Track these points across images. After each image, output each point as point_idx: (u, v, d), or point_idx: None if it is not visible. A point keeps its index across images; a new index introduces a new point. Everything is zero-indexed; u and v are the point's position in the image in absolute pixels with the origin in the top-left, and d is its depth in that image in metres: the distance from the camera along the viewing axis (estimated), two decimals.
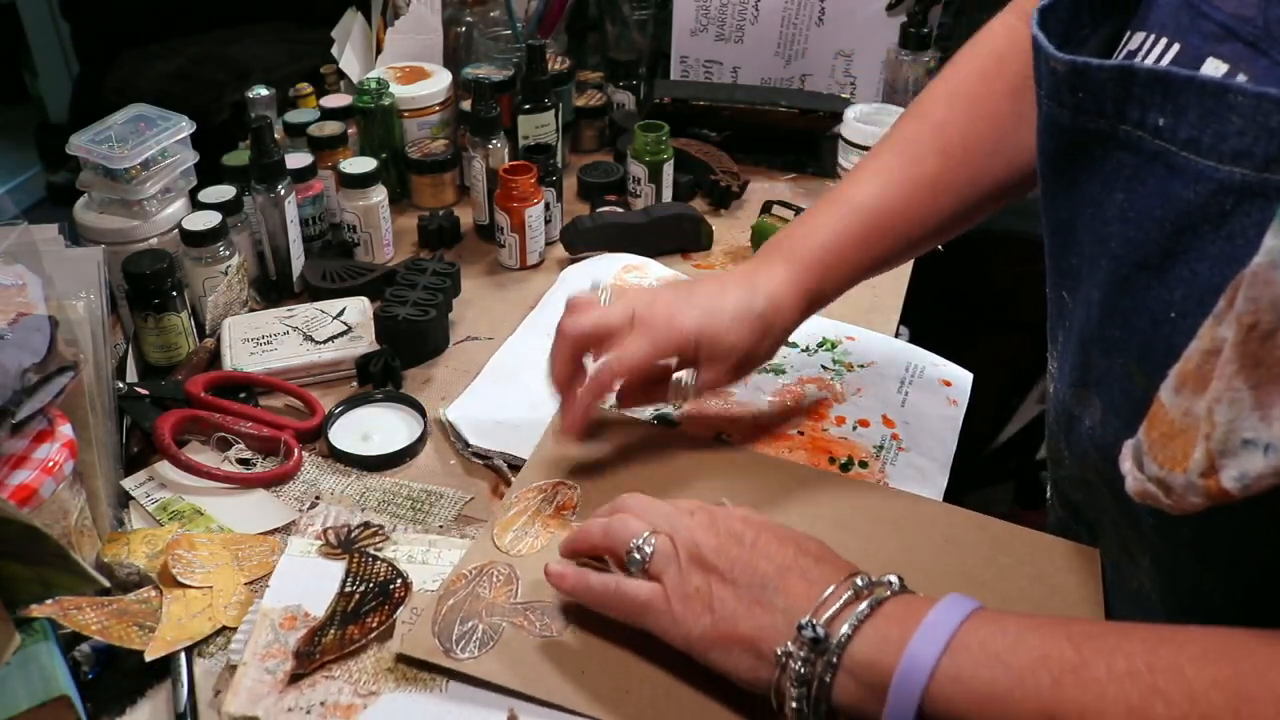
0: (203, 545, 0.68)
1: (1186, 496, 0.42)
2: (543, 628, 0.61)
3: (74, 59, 2.51)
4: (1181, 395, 0.42)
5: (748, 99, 1.21)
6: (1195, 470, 0.41)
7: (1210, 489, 0.41)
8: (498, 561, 0.66)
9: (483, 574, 0.65)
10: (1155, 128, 0.47)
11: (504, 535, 0.68)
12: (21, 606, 0.59)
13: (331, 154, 1.03)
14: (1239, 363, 0.39)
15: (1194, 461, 0.41)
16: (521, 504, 0.71)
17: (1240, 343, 0.39)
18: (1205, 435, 0.40)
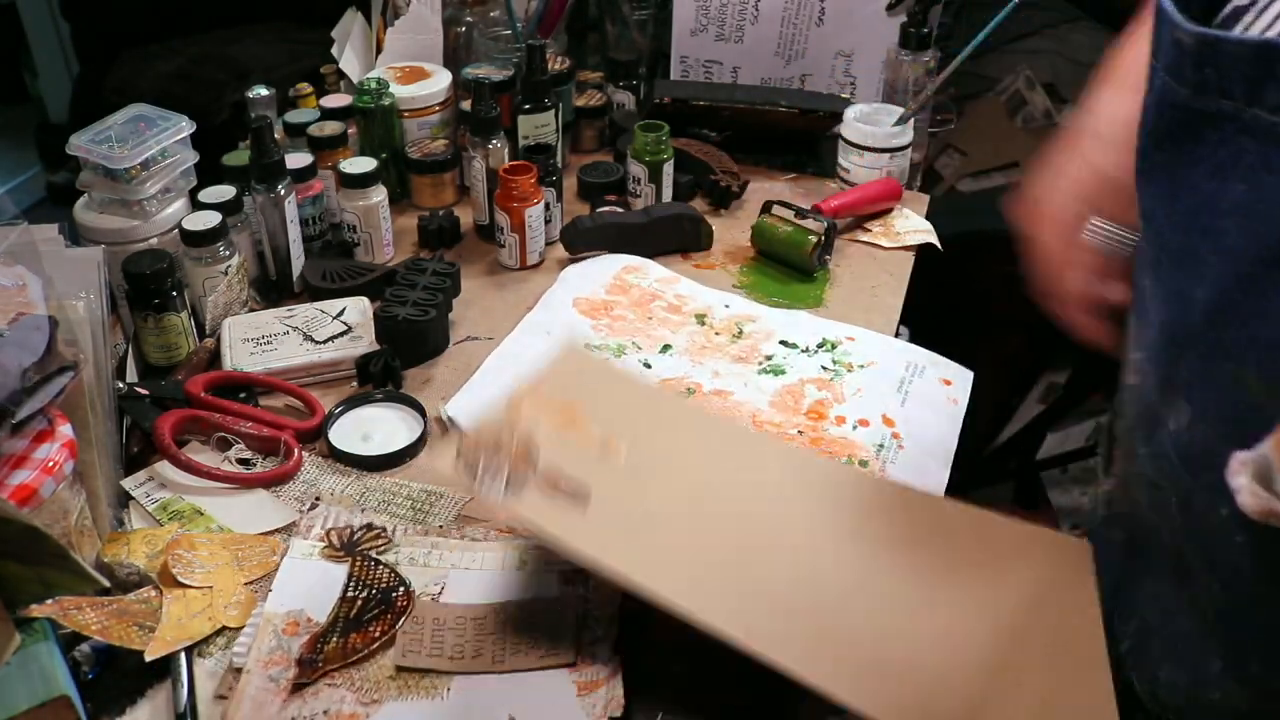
0: (203, 545, 0.68)
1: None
2: (567, 488, 0.60)
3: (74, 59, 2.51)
4: None
5: (748, 99, 1.21)
6: None
7: None
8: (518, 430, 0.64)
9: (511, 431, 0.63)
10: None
11: (516, 412, 0.66)
12: (21, 606, 0.59)
13: (331, 154, 1.03)
14: None
15: None
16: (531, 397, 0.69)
17: None
18: None
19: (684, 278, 1.00)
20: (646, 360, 0.88)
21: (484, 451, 0.61)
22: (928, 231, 1.09)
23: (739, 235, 1.08)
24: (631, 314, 0.94)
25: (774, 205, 1.05)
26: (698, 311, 0.95)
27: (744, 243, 1.07)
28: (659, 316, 0.94)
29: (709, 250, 1.06)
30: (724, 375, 0.87)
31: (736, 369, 0.88)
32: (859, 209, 1.09)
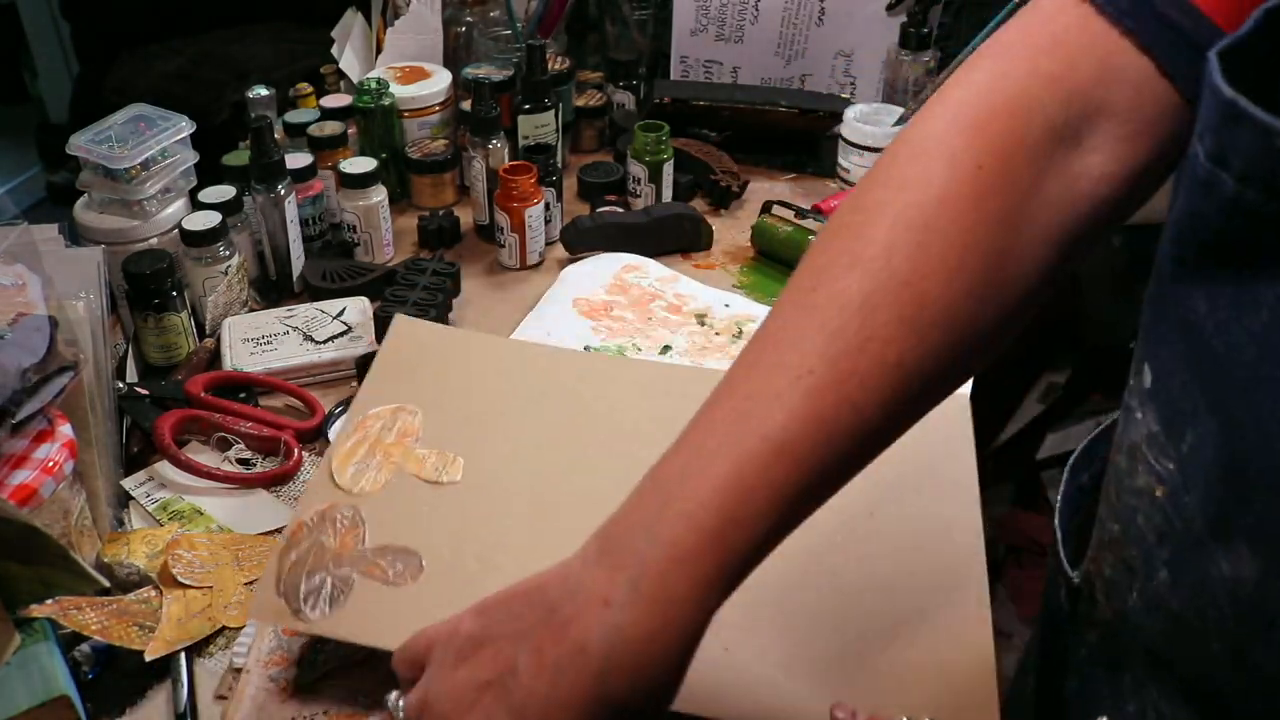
0: (203, 545, 0.68)
1: None
2: (396, 575, 0.57)
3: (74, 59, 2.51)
4: None
5: (748, 99, 1.20)
6: None
7: None
8: (340, 504, 0.61)
9: (325, 520, 0.61)
10: None
11: (343, 470, 0.64)
12: (21, 606, 0.59)
13: (331, 154, 1.03)
14: None
15: None
16: (360, 433, 0.66)
17: None
18: None
19: (684, 276, 1.00)
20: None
21: (302, 568, 0.58)
22: None
23: (739, 235, 1.08)
24: (631, 314, 0.94)
25: (774, 205, 1.05)
26: (698, 311, 0.95)
27: (744, 243, 1.07)
28: (659, 317, 0.94)
29: (709, 250, 1.06)
30: None
31: None
32: None
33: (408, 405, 0.68)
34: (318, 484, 0.63)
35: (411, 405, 0.68)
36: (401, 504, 0.62)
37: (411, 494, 0.62)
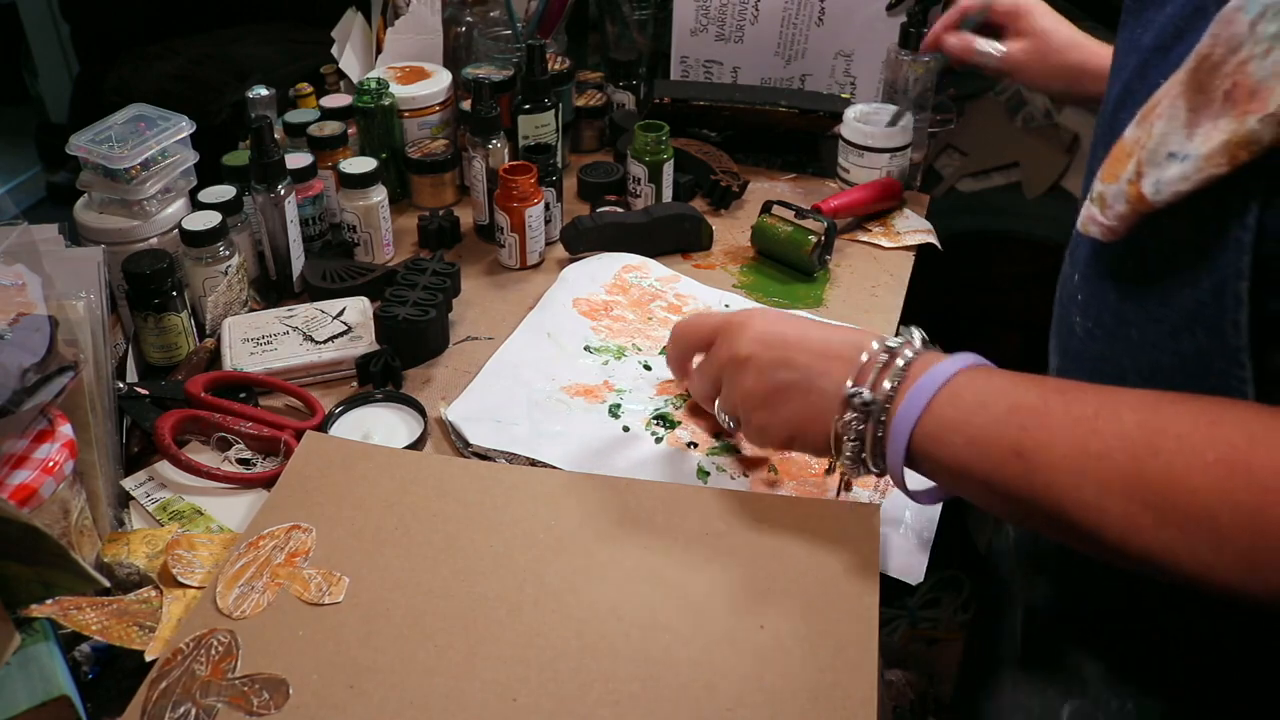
0: (203, 545, 0.68)
1: (1114, 206, 0.50)
2: (260, 705, 0.57)
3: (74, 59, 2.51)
4: (1140, 127, 0.49)
5: (747, 99, 1.21)
6: (1125, 178, 0.49)
7: (1131, 194, 0.49)
8: (218, 629, 0.61)
9: (201, 646, 0.60)
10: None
11: (228, 594, 0.63)
12: (21, 606, 0.59)
13: (331, 154, 1.03)
14: (1185, 85, 0.46)
15: (1125, 171, 0.49)
16: (251, 554, 0.66)
17: (1193, 69, 0.45)
18: (1141, 146, 0.48)
19: (684, 276, 1.00)
20: (647, 362, 0.88)
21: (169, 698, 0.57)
22: (928, 231, 1.09)
23: (739, 235, 1.08)
24: (631, 314, 0.94)
25: (774, 205, 1.05)
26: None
27: (744, 243, 1.07)
28: (659, 317, 0.94)
29: (709, 250, 1.06)
30: None
31: None
32: (859, 209, 1.09)
33: (302, 524, 0.68)
34: (200, 608, 0.62)
35: (306, 523, 0.68)
36: (279, 628, 0.61)
37: (291, 617, 0.62)
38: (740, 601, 0.63)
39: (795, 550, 0.66)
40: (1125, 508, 0.49)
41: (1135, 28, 0.57)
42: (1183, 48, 0.50)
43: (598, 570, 0.65)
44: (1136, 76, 0.55)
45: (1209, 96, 0.45)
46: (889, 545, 0.70)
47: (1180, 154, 0.46)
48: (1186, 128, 0.46)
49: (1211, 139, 0.45)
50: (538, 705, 0.57)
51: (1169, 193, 0.47)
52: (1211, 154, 0.45)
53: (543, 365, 0.87)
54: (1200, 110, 0.45)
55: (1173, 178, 0.46)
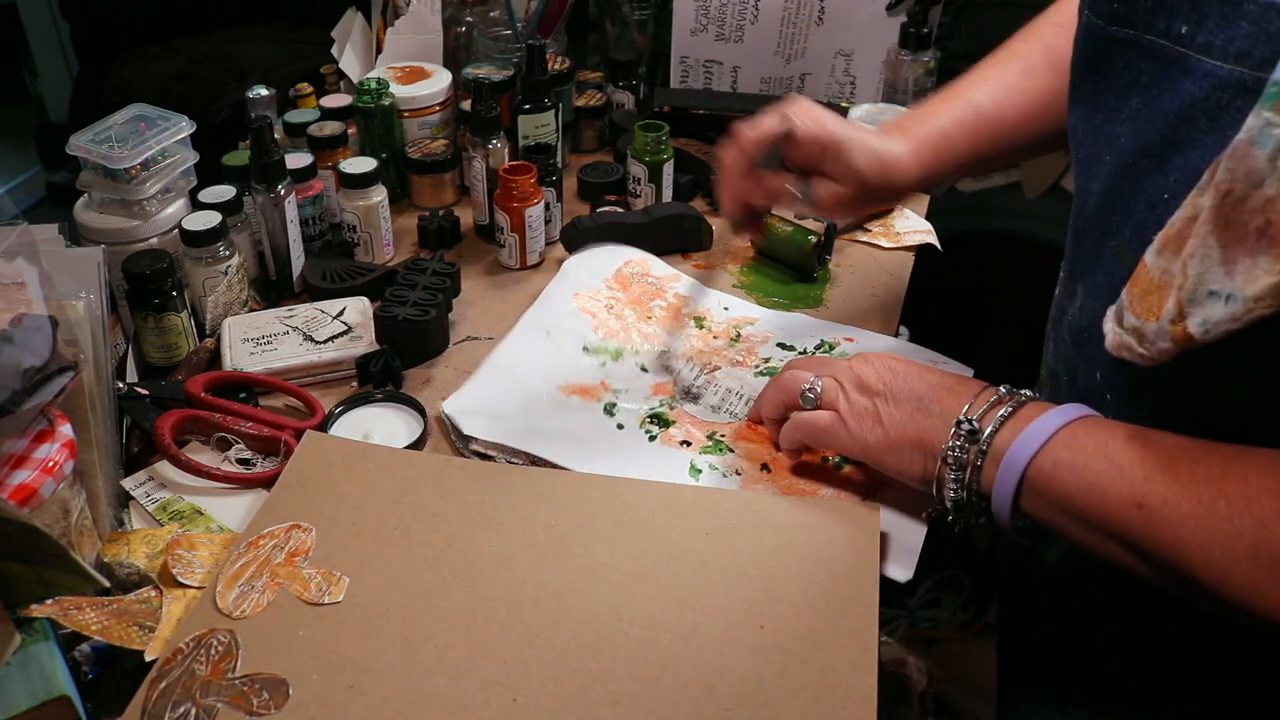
0: (203, 545, 0.68)
1: (1156, 343, 0.50)
2: (260, 705, 0.57)
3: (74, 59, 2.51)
4: (1163, 256, 0.49)
5: (746, 108, 1.21)
6: (1166, 318, 0.49)
7: (1177, 334, 0.48)
8: (218, 629, 0.61)
9: (200, 646, 0.60)
10: (1178, 35, 0.52)
11: (227, 593, 0.63)
12: (21, 606, 0.59)
13: (331, 154, 1.03)
14: (1213, 224, 0.46)
15: (1166, 310, 0.49)
16: (250, 554, 0.66)
17: (1216, 206, 0.46)
18: (1178, 287, 0.48)
19: (685, 275, 1.00)
20: (643, 364, 0.88)
21: (169, 697, 0.57)
22: (928, 231, 1.09)
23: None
24: (631, 312, 0.94)
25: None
26: (696, 314, 0.95)
27: (744, 243, 1.07)
28: (658, 317, 0.94)
29: (709, 250, 1.06)
30: None
31: (734, 372, 0.87)
32: None
33: (302, 523, 0.68)
34: (200, 608, 0.62)
35: (306, 523, 0.68)
36: (279, 628, 0.61)
37: (291, 617, 0.62)
38: (740, 601, 0.63)
39: (795, 550, 0.66)
40: (1252, 573, 0.49)
41: (1102, 118, 0.58)
42: (1182, 162, 0.52)
43: (598, 570, 0.65)
44: (1124, 180, 0.56)
45: (1240, 233, 0.45)
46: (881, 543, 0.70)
47: (1223, 292, 0.46)
48: (1224, 265, 0.46)
49: (1256, 280, 0.45)
50: (538, 705, 0.57)
51: (1219, 332, 0.47)
52: (1260, 296, 0.45)
53: (540, 364, 0.87)
54: (1233, 247, 0.45)
55: (1221, 318, 0.46)
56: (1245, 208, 0.44)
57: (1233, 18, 0.49)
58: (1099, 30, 0.58)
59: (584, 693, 0.58)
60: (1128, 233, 0.57)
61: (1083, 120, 0.61)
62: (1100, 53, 0.58)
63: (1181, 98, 0.52)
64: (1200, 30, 0.51)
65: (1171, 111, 0.53)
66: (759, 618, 0.62)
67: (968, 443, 0.62)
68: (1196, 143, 0.51)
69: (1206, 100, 0.50)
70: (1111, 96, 0.58)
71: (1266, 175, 0.43)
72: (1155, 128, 0.54)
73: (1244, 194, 0.44)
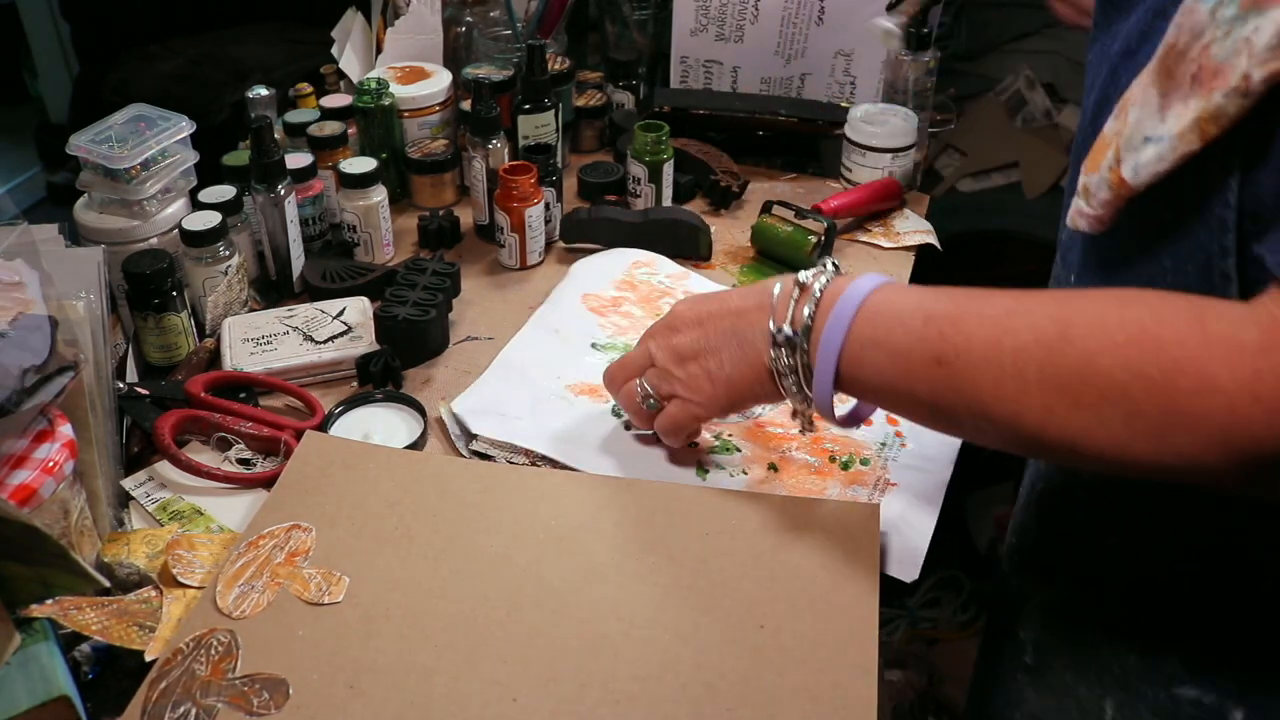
0: (203, 545, 0.68)
1: (1097, 195, 0.51)
2: (260, 705, 0.57)
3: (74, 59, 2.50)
4: (1118, 120, 0.51)
5: (747, 108, 1.21)
6: (1105, 166, 0.51)
7: (1113, 180, 0.50)
8: (218, 629, 0.61)
9: (200, 646, 0.60)
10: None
11: (227, 593, 0.63)
12: (21, 606, 0.59)
13: (331, 154, 1.03)
14: (1156, 73, 0.49)
15: (1105, 159, 0.51)
16: (251, 554, 0.66)
17: (1161, 58, 0.48)
18: (1118, 134, 0.50)
19: (694, 274, 1.00)
20: None
21: (169, 697, 0.57)
22: (928, 232, 1.09)
23: (739, 235, 1.08)
24: (639, 310, 0.94)
25: (774, 205, 1.05)
26: None
27: (744, 243, 1.07)
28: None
29: (708, 259, 1.06)
30: None
31: None
32: (859, 209, 1.09)
33: (302, 523, 0.68)
34: (200, 608, 0.62)
35: (306, 522, 0.68)
36: (279, 628, 0.61)
37: (291, 617, 0.62)
38: (740, 601, 0.63)
39: (795, 550, 0.66)
40: (1042, 397, 0.51)
41: (1105, 41, 0.59)
42: (1149, 48, 0.52)
43: (598, 570, 0.65)
44: (1109, 83, 0.58)
45: (1177, 81, 0.47)
46: (885, 543, 0.70)
47: (1155, 136, 0.48)
48: (1160, 112, 0.48)
49: (1182, 118, 0.47)
50: (538, 705, 0.57)
51: (1147, 174, 0.49)
52: (1183, 132, 0.47)
53: (549, 363, 0.87)
54: (1170, 94, 0.48)
55: (1149, 159, 0.49)
56: (1185, 58, 0.47)
57: None
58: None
59: (584, 693, 0.58)
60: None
61: (1096, 52, 0.62)
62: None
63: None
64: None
65: (1151, 7, 0.54)
66: (759, 618, 0.62)
67: (788, 353, 0.63)
68: (1162, 31, 0.51)
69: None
70: (1114, 22, 0.59)
71: (1206, 25, 0.46)
72: (1137, 27, 0.55)
73: (1186, 46, 0.47)
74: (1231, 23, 0.45)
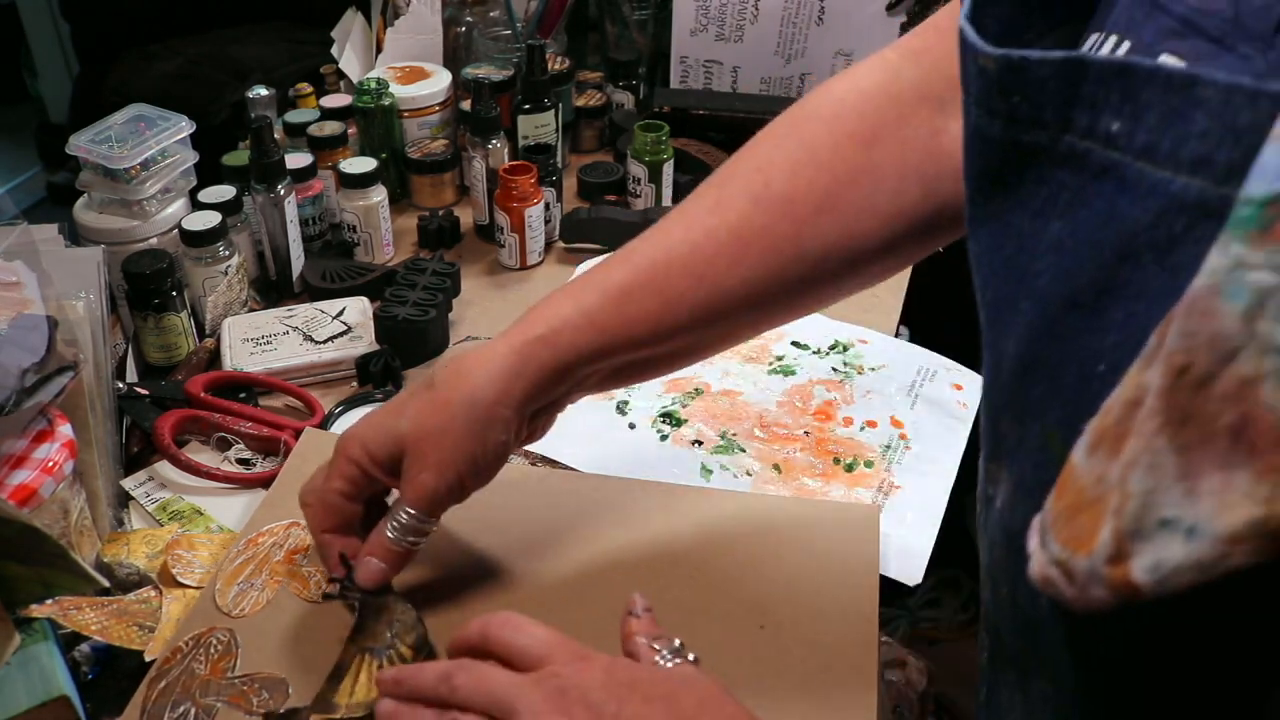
0: (203, 545, 0.68)
1: (1089, 588, 0.33)
2: (260, 704, 0.56)
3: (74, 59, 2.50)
4: (1096, 457, 0.33)
5: (747, 108, 1.21)
6: (1101, 554, 0.32)
7: (1116, 579, 0.31)
8: (218, 627, 0.61)
9: (200, 645, 0.60)
10: (1108, 135, 0.36)
11: (227, 591, 0.62)
12: (21, 606, 0.59)
13: (331, 154, 1.03)
14: (1164, 416, 0.30)
15: (1100, 542, 0.32)
16: (250, 551, 0.66)
17: (1167, 390, 0.30)
18: (1115, 510, 0.31)
19: None
20: None
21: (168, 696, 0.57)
22: None
23: None
24: None
25: None
26: None
27: None
28: None
29: None
30: (733, 375, 0.87)
31: (746, 369, 0.87)
32: None
33: (301, 520, 0.67)
34: (199, 606, 0.62)
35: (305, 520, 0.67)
36: (279, 627, 0.61)
37: (291, 615, 0.61)
38: (740, 602, 0.63)
39: (796, 552, 0.66)
40: None
41: (1013, 249, 0.42)
42: (1123, 317, 0.36)
43: (598, 570, 0.65)
44: (1048, 340, 0.40)
45: (1205, 431, 0.29)
46: (889, 546, 0.70)
47: (1183, 522, 0.30)
48: (1182, 480, 0.30)
49: (1231, 508, 0.28)
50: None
51: (1177, 584, 0.30)
52: (1238, 535, 0.28)
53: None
54: (1195, 451, 0.29)
55: (1180, 562, 0.30)
56: (1211, 392, 0.29)
57: (1183, 108, 0.33)
58: (997, 134, 0.40)
59: None
60: (1055, 414, 0.40)
61: (988, 252, 0.44)
62: (1003, 163, 0.41)
63: (1119, 224, 0.36)
64: (1139, 128, 0.35)
65: (1106, 244, 0.37)
66: (759, 618, 0.62)
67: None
68: (1142, 289, 0.36)
69: (1154, 228, 0.35)
70: (1024, 219, 0.41)
71: (1241, 343, 0.28)
72: (1085, 267, 0.38)
73: (1208, 371, 0.29)
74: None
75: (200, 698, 0.57)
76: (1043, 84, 0.37)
